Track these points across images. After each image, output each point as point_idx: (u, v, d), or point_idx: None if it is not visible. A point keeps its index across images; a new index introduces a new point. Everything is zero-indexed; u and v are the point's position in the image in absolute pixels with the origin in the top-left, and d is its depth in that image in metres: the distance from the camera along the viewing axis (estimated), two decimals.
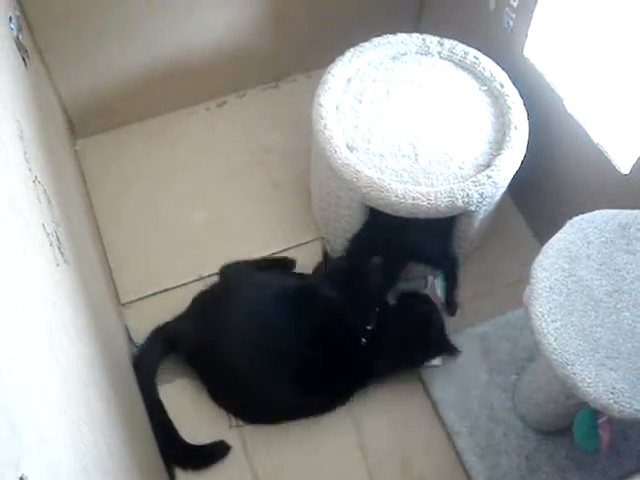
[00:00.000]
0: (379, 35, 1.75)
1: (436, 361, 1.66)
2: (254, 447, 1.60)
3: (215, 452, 1.57)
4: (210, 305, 1.66)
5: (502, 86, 1.66)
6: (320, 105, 1.64)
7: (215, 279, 1.77)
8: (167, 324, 1.66)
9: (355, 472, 1.58)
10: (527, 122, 1.62)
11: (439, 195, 1.52)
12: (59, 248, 1.16)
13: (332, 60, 1.72)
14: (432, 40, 1.75)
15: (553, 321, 1.20)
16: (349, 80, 1.71)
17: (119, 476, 1.05)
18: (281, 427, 1.62)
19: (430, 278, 1.82)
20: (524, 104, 1.63)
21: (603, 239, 1.28)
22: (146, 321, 1.69)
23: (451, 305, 1.76)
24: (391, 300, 1.70)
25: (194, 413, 1.62)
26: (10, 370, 0.68)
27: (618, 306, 1.21)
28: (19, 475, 0.59)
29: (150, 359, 1.63)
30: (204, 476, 1.56)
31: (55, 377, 0.85)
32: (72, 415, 0.87)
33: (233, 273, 1.75)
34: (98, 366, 1.18)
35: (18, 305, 0.81)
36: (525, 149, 1.60)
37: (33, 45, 1.67)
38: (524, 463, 1.55)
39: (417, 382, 1.68)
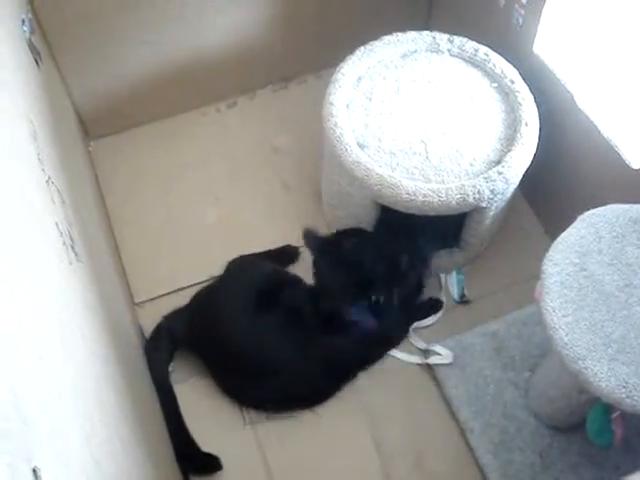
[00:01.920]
0: (389, 33, 1.75)
1: (447, 358, 1.67)
2: (269, 444, 1.60)
3: (211, 464, 1.57)
4: (207, 295, 1.71)
5: (512, 82, 1.66)
6: (330, 104, 1.64)
7: None
8: (165, 318, 1.70)
9: (369, 469, 1.58)
10: (538, 118, 1.61)
11: (450, 192, 1.52)
12: (72, 247, 1.17)
13: (342, 59, 1.72)
14: (442, 37, 1.75)
15: (564, 316, 1.20)
16: (359, 78, 1.71)
17: (133, 471, 1.06)
18: (295, 424, 1.62)
19: (442, 276, 1.83)
20: (534, 100, 1.63)
21: (614, 234, 1.28)
22: (159, 321, 1.70)
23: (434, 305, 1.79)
24: None
25: (209, 412, 1.63)
26: (22, 364, 0.69)
27: (630, 301, 1.21)
28: (32, 467, 0.60)
29: (159, 356, 1.65)
30: (219, 474, 1.56)
31: (67, 372, 0.86)
32: (85, 410, 0.88)
33: (236, 266, 1.78)
34: (112, 363, 1.19)
35: (31, 301, 0.82)
36: (536, 145, 1.60)
37: (46, 47, 1.69)
38: (537, 459, 1.55)
39: (430, 379, 1.68)
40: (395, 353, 1.71)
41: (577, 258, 1.25)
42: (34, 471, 0.60)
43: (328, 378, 1.65)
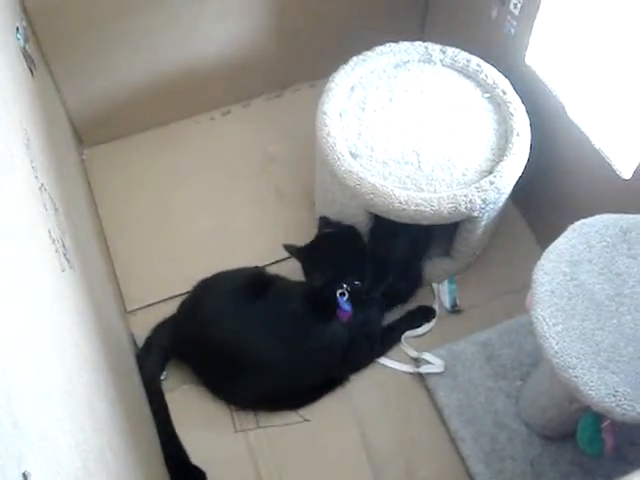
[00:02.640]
0: (382, 44, 1.77)
1: (439, 368, 1.67)
2: (259, 450, 1.60)
3: (197, 477, 1.57)
4: (192, 298, 1.71)
5: (504, 93, 1.67)
6: (323, 113, 1.65)
7: None
8: (155, 330, 1.70)
9: (360, 477, 1.58)
10: (529, 128, 1.63)
11: (442, 201, 1.53)
12: (65, 254, 1.17)
13: (335, 69, 1.73)
14: (434, 48, 1.76)
15: (555, 325, 1.21)
16: (352, 88, 1.72)
17: (123, 479, 1.06)
18: (286, 431, 1.62)
19: (435, 285, 1.83)
20: (526, 111, 1.64)
21: (604, 243, 1.29)
22: (150, 330, 1.70)
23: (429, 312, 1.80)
24: None
25: (200, 418, 1.64)
26: (14, 369, 0.69)
27: (620, 310, 1.22)
28: (22, 471, 0.60)
29: (150, 366, 1.66)
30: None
31: (59, 379, 0.87)
32: (76, 416, 0.88)
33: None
34: (103, 371, 1.19)
35: (23, 308, 0.83)
36: (527, 155, 1.61)
37: (40, 55, 1.70)
38: (529, 469, 1.55)
39: (421, 388, 1.68)
40: (386, 362, 1.72)
41: (567, 267, 1.26)
42: (24, 475, 0.60)
43: (314, 375, 1.65)
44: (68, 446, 0.80)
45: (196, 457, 1.57)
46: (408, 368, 1.71)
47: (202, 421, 1.63)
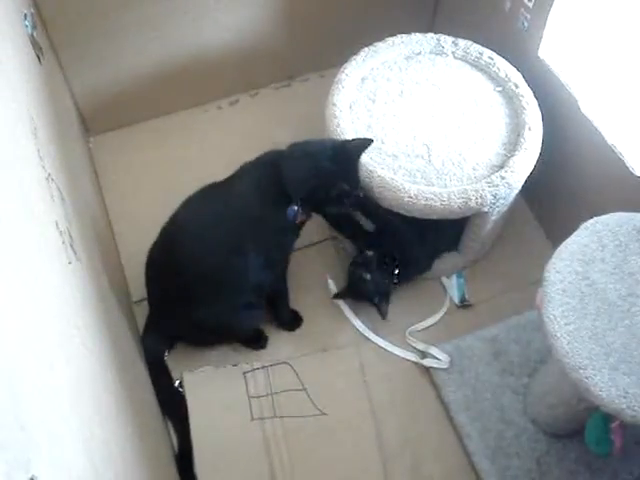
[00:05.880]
0: (393, 35, 1.75)
1: (444, 364, 1.66)
2: (274, 439, 1.59)
3: None
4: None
5: (517, 87, 1.65)
6: (333, 104, 1.63)
7: None
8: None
9: (369, 468, 1.57)
10: (541, 123, 1.61)
11: (452, 196, 1.51)
12: (71, 246, 1.16)
13: (346, 60, 1.72)
14: (446, 40, 1.74)
15: (566, 324, 1.19)
16: (363, 79, 1.70)
17: (129, 475, 1.05)
18: (302, 422, 1.61)
19: (444, 279, 1.82)
20: (539, 105, 1.63)
21: (617, 242, 1.27)
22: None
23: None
24: None
25: (217, 406, 1.62)
26: (22, 369, 0.68)
27: (632, 310, 1.20)
28: (29, 476, 0.59)
29: (154, 346, 1.66)
30: (222, 466, 1.55)
31: (66, 375, 0.85)
32: (83, 413, 0.87)
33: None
34: (109, 364, 1.17)
35: (30, 303, 0.81)
36: (539, 150, 1.59)
37: (47, 42, 1.68)
38: (535, 466, 1.54)
39: (428, 384, 1.68)
40: (392, 348, 1.72)
41: (580, 266, 1.25)
42: None
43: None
44: (76, 445, 0.79)
45: (212, 442, 1.57)
46: (412, 357, 1.70)
47: (220, 407, 1.62)
